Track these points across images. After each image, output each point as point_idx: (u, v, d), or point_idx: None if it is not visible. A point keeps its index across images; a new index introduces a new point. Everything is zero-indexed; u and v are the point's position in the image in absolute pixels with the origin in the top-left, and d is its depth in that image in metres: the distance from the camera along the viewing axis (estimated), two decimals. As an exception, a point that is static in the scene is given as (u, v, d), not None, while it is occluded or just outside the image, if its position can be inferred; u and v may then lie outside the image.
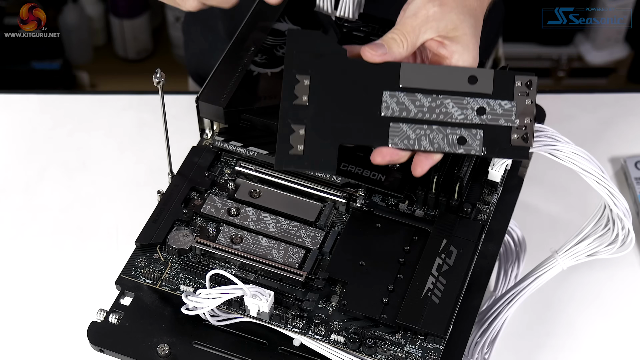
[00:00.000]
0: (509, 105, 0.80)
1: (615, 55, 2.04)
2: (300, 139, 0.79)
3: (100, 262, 1.05)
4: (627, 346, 1.01)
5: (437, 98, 0.80)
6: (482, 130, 0.79)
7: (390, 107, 0.79)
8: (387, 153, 0.80)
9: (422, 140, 0.79)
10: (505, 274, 0.99)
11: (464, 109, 0.79)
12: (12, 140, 1.16)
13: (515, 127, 0.79)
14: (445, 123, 0.79)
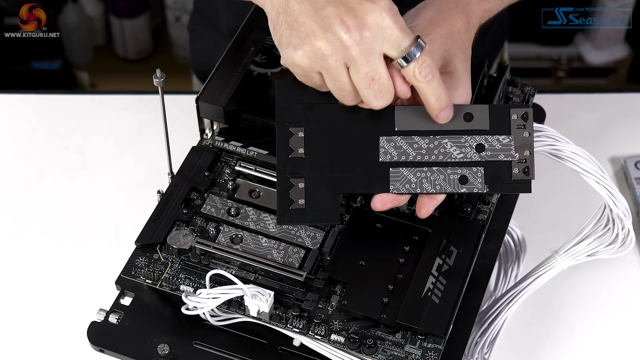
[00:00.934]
0: (507, 139, 0.79)
1: (615, 55, 2.04)
2: (301, 193, 0.79)
3: (100, 262, 1.05)
4: (627, 346, 1.01)
5: (434, 139, 0.79)
6: (483, 168, 0.79)
7: (389, 152, 0.79)
8: (388, 199, 0.80)
9: (424, 182, 0.79)
10: (505, 274, 0.99)
11: (463, 147, 0.79)
12: (12, 140, 1.16)
13: (515, 161, 0.79)
14: (445, 163, 0.79)
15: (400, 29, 0.75)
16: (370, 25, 0.75)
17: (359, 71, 0.75)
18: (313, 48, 0.76)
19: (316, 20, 0.75)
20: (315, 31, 0.75)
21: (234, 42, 0.93)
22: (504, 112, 0.80)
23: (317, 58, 0.76)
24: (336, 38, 0.75)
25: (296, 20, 0.76)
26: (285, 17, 0.77)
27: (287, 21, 0.77)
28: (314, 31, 0.76)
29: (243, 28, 0.95)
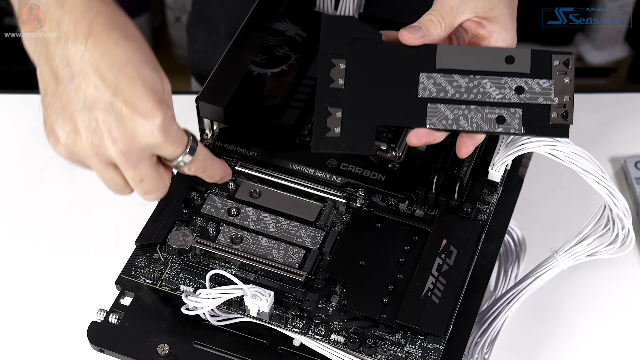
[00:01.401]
0: (547, 83, 0.79)
1: (615, 55, 2.04)
2: (337, 122, 0.79)
3: (100, 262, 1.05)
4: (627, 346, 1.01)
5: (474, 78, 0.80)
6: (521, 109, 0.79)
7: (427, 89, 0.79)
8: (423, 134, 0.80)
9: (461, 120, 0.79)
10: (505, 274, 0.99)
11: (502, 88, 0.79)
12: (12, 140, 1.16)
13: (554, 105, 0.79)
14: (483, 103, 0.79)
15: (172, 142, 0.72)
16: (140, 141, 0.70)
17: (127, 174, 0.73)
18: (75, 147, 0.71)
19: (83, 119, 0.69)
20: (80, 131, 0.70)
21: (234, 42, 0.93)
22: (545, 57, 0.80)
23: (79, 155, 0.72)
24: (101, 144, 0.70)
25: (64, 107, 0.70)
26: (54, 102, 0.71)
27: (55, 107, 0.71)
28: (79, 130, 0.70)
29: (243, 28, 0.95)
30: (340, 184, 0.87)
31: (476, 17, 0.81)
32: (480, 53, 0.80)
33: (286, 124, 0.89)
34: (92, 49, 0.69)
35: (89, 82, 0.69)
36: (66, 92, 0.70)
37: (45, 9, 0.70)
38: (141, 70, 0.70)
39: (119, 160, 0.71)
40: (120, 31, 0.70)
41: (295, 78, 0.92)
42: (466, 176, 0.86)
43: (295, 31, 0.95)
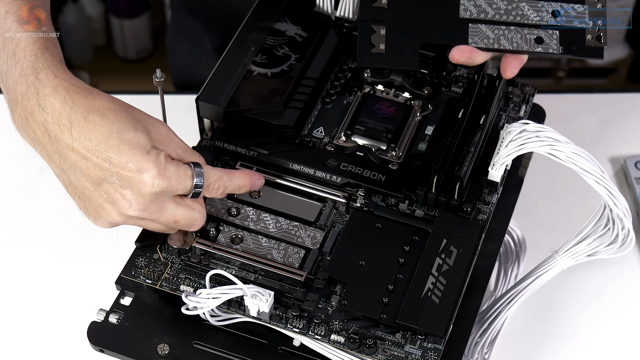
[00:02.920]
0: (582, 8, 0.83)
1: (615, 55, 2.04)
2: (382, 38, 0.82)
3: (100, 262, 1.05)
4: (628, 346, 1.01)
5: (512, 1, 0.83)
6: (558, 31, 0.83)
7: (468, 10, 0.83)
8: (465, 50, 0.83)
9: (501, 39, 0.82)
10: (505, 274, 0.99)
11: (539, 11, 0.83)
12: (12, 140, 1.16)
13: (589, 29, 0.83)
14: (522, 24, 0.83)
15: (175, 181, 0.77)
16: (148, 194, 0.77)
17: (161, 223, 0.79)
18: (110, 220, 0.79)
19: (100, 196, 0.78)
20: (104, 205, 0.78)
21: (234, 42, 0.93)
22: None
23: (117, 224, 0.80)
24: (124, 212, 0.77)
25: (82, 193, 0.79)
26: (72, 190, 0.80)
27: (75, 194, 0.80)
28: (103, 206, 0.78)
29: (243, 28, 0.95)
30: (340, 184, 0.87)
31: None
32: None
33: (286, 124, 0.89)
34: (77, 137, 0.77)
35: (87, 164, 0.77)
36: (77, 180, 0.78)
37: (32, 114, 0.79)
38: (123, 136, 0.77)
39: (144, 216, 0.78)
40: (95, 112, 0.77)
41: (295, 78, 0.92)
42: (466, 176, 0.86)
43: (295, 31, 0.95)
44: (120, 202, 0.77)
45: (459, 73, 0.97)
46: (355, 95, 0.95)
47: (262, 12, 0.96)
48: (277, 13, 0.96)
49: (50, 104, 0.78)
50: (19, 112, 0.80)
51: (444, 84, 0.95)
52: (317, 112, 0.94)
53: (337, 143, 0.91)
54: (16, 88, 0.79)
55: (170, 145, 0.79)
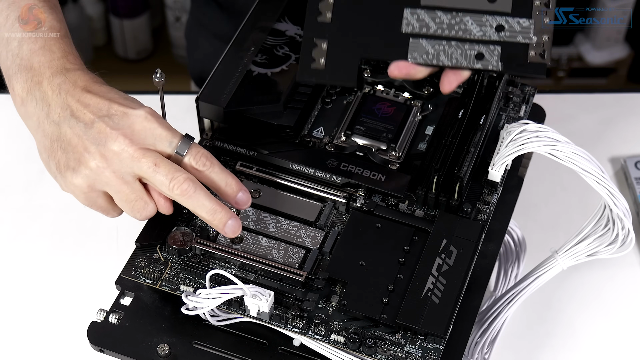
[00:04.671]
0: (527, 23, 0.80)
1: (615, 55, 2.04)
2: (322, 53, 0.81)
3: (100, 262, 1.05)
4: (627, 346, 1.01)
5: (456, 15, 0.81)
6: (500, 47, 0.80)
7: (411, 24, 0.81)
8: (403, 66, 0.81)
9: (441, 55, 0.80)
10: (505, 274, 0.99)
11: (483, 26, 0.81)
12: (12, 140, 1.16)
13: (532, 44, 0.80)
14: (463, 39, 0.80)
15: (166, 128, 0.81)
16: (139, 129, 0.81)
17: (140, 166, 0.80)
18: (89, 164, 0.81)
19: (88, 138, 0.81)
20: (89, 147, 0.81)
21: (234, 42, 0.93)
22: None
23: (95, 174, 0.81)
24: (109, 148, 0.80)
25: (69, 143, 0.81)
26: (59, 144, 0.82)
27: (61, 147, 0.82)
28: (88, 148, 0.81)
29: (243, 28, 0.95)
30: (340, 184, 0.87)
31: None
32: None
33: (286, 124, 0.89)
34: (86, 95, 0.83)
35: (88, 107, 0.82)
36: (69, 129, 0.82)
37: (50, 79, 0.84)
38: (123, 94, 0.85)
39: (129, 151, 0.80)
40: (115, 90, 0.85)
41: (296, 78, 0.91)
42: (466, 176, 0.86)
43: (295, 31, 0.95)
44: (110, 135, 0.80)
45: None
46: (355, 95, 0.95)
47: (262, 12, 0.96)
48: (277, 13, 0.96)
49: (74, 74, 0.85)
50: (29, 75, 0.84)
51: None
52: (317, 112, 0.94)
53: (337, 143, 0.91)
54: (32, 58, 0.85)
55: None
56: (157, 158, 0.80)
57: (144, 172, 0.80)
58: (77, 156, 0.81)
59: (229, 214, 0.81)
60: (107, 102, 0.82)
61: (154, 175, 0.80)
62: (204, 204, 0.81)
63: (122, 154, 0.80)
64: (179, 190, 0.80)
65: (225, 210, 0.81)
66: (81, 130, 0.81)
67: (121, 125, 0.80)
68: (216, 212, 0.81)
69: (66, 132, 0.82)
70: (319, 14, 0.81)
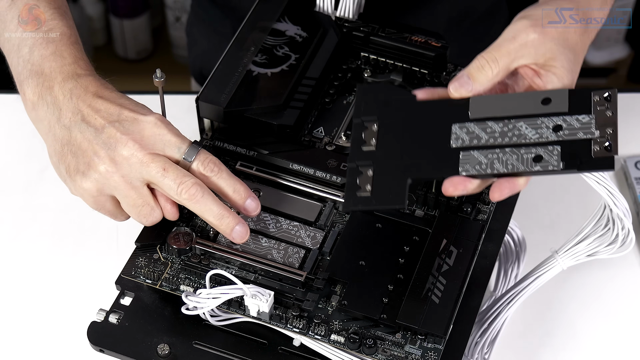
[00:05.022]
0: (588, 118, 0.75)
1: (615, 55, 2.04)
2: (369, 179, 0.77)
3: (100, 262, 1.05)
4: (628, 346, 1.01)
5: (509, 123, 0.76)
6: (560, 146, 0.75)
7: (460, 138, 0.77)
8: (458, 182, 0.76)
9: (495, 163, 0.75)
10: (505, 274, 0.99)
11: (539, 128, 0.75)
12: (12, 140, 1.16)
13: (595, 139, 0.75)
14: (519, 145, 0.75)
15: (175, 134, 0.82)
16: (148, 135, 0.82)
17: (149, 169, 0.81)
18: (98, 168, 0.82)
19: (98, 142, 0.82)
20: (99, 152, 0.82)
21: (234, 42, 0.93)
22: (585, 95, 0.76)
23: (104, 178, 0.82)
24: (119, 153, 0.81)
25: (79, 147, 0.83)
26: (69, 148, 0.83)
27: (71, 151, 0.83)
28: (98, 152, 0.82)
29: (243, 28, 0.95)
30: (340, 184, 0.87)
31: (534, 64, 0.79)
32: (516, 97, 0.78)
33: (286, 124, 0.89)
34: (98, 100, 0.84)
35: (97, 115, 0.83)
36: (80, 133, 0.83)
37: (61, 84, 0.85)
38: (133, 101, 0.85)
39: (137, 156, 0.81)
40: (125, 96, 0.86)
41: (295, 78, 0.92)
42: (466, 176, 0.86)
43: (295, 31, 0.95)
44: (120, 140, 0.81)
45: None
46: (356, 95, 0.95)
47: (262, 12, 0.96)
48: (277, 13, 0.96)
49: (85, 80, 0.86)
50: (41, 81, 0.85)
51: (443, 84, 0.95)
52: (317, 112, 0.94)
53: (337, 143, 0.91)
54: (44, 63, 0.86)
55: None
56: (166, 163, 0.81)
57: (153, 177, 0.81)
58: (86, 160, 0.82)
59: (236, 219, 0.82)
60: (117, 108, 0.83)
61: (162, 179, 0.81)
62: (212, 208, 0.81)
63: (131, 158, 0.81)
64: (186, 195, 0.80)
65: (232, 216, 0.81)
66: (92, 135, 0.82)
67: (131, 130, 0.81)
68: (224, 217, 0.81)
69: (77, 136, 0.83)
70: (363, 142, 0.79)
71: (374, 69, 0.96)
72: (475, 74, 0.78)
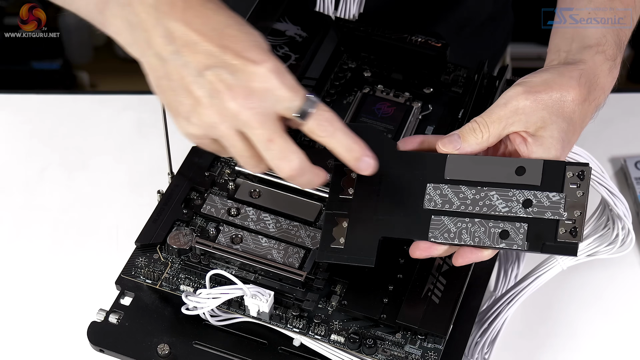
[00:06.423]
0: (557, 197, 0.75)
1: (616, 55, 2.04)
2: (343, 232, 0.78)
3: (100, 262, 1.05)
4: (628, 346, 1.01)
5: (481, 190, 0.77)
6: (527, 224, 0.75)
7: (433, 200, 0.77)
8: (425, 247, 0.77)
9: (463, 233, 0.76)
10: (505, 274, 0.99)
11: (509, 201, 0.76)
12: (12, 140, 1.16)
13: (563, 221, 0.75)
14: (488, 216, 0.76)
15: (288, 88, 0.72)
16: (257, 89, 0.71)
17: (254, 134, 0.72)
18: (202, 118, 0.72)
19: (200, 86, 0.71)
20: (201, 99, 0.72)
21: (234, 42, 0.93)
22: (558, 168, 0.76)
23: (209, 127, 0.73)
24: (224, 106, 0.71)
25: (180, 86, 0.72)
26: (168, 83, 0.73)
27: (171, 87, 0.73)
28: (200, 99, 0.72)
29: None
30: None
31: (524, 131, 0.78)
32: (492, 163, 0.78)
33: (286, 124, 0.89)
34: (192, 20, 0.71)
35: (196, 48, 0.71)
36: (176, 69, 0.72)
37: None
38: (242, 29, 0.72)
39: (244, 115, 0.71)
40: (214, 3, 0.73)
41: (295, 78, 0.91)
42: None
43: (295, 31, 0.95)
44: (224, 93, 0.71)
45: (459, 73, 0.97)
46: (355, 95, 0.95)
47: (262, 12, 0.96)
48: (277, 13, 0.96)
49: None
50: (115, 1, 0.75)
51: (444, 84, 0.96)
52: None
53: (337, 143, 0.91)
54: None
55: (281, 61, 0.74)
56: (274, 133, 0.72)
57: (256, 143, 0.73)
58: (190, 102, 0.72)
59: None
60: (218, 48, 0.71)
61: (265, 151, 0.73)
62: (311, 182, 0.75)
63: (238, 115, 0.71)
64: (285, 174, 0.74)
65: None
66: (191, 75, 0.71)
67: (237, 82, 0.71)
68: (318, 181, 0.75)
69: (172, 72, 0.72)
70: (341, 190, 0.79)
71: (374, 69, 0.96)
72: (467, 136, 0.78)
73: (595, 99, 0.82)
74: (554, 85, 0.78)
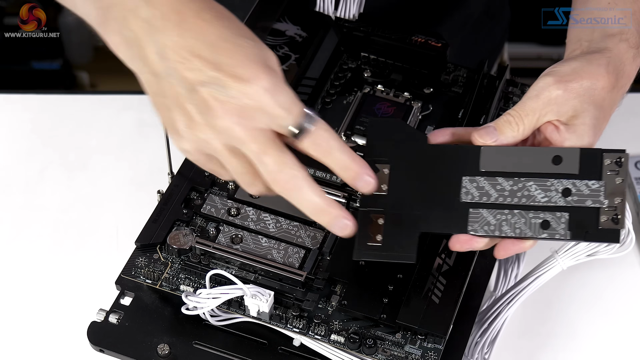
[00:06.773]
0: (597, 185, 0.75)
1: (616, 55, 2.04)
2: (379, 229, 0.77)
3: (100, 262, 1.05)
4: (628, 346, 1.01)
5: (519, 181, 0.76)
6: (568, 213, 0.75)
7: (470, 193, 0.77)
8: (465, 240, 0.77)
9: (503, 225, 0.76)
10: (505, 274, 0.98)
11: (548, 190, 0.76)
12: (12, 140, 1.16)
13: (603, 209, 0.75)
14: (527, 207, 0.76)
15: (282, 106, 0.70)
16: (250, 107, 0.69)
17: (248, 149, 0.71)
18: (196, 134, 0.71)
19: (193, 103, 0.70)
20: (194, 116, 0.70)
21: (234, 42, 0.93)
22: (596, 156, 0.76)
23: (203, 143, 0.72)
24: (216, 122, 0.70)
25: (174, 102, 0.71)
26: (162, 100, 0.72)
27: (165, 104, 0.72)
28: (193, 116, 0.70)
29: (243, 28, 0.95)
30: (340, 184, 0.87)
31: (556, 120, 0.78)
32: (527, 153, 0.77)
33: (286, 124, 0.89)
34: (185, 34, 0.69)
35: (188, 65, 0.69)
36: (169, 86, 0.70)
37: (134, 11, 0.71)
38: (238, 42, 0.70)
39: (236, 131, 0.70)
40: (210, 11, 0.70)
41: (296, 78, 0.92)
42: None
43: (295, 31, 0.95)
44: (216, 110, 0.69)
45: (459, 73, 0.97)
46: (355, 95, 0.95)
47: (262, 12, 0.96)
48: (277, 13, 0.96)
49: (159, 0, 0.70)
50: (114, 14, 0.74)
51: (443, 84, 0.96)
52: (317, 112, 0.93)
53: (337, 143, 0.91)
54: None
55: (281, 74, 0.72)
56: (266, 146, 0.70)
57: (250, 156, 0.71)
58: (183, 119, 0.71)
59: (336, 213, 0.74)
60: (212, 64, 0.69)
61: (259, 164, 0.71)
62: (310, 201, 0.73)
63: (229, 132, 0.70)
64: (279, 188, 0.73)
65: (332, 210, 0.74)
66: (184, 91, 0.70)
67: (229, 99, 0.69)
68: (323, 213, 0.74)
69: (168, 90, 0.71)
70: None
71: (374, 69, 0.96)
72: (503, 127, 0.78)
73: (622, 86, 0.83)
74: (584, 74, 0.79)
